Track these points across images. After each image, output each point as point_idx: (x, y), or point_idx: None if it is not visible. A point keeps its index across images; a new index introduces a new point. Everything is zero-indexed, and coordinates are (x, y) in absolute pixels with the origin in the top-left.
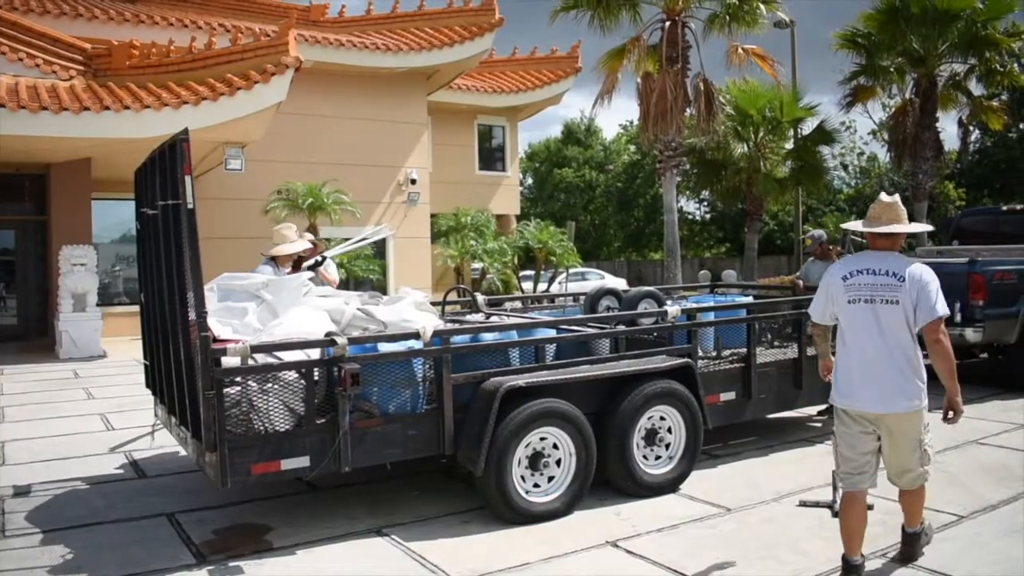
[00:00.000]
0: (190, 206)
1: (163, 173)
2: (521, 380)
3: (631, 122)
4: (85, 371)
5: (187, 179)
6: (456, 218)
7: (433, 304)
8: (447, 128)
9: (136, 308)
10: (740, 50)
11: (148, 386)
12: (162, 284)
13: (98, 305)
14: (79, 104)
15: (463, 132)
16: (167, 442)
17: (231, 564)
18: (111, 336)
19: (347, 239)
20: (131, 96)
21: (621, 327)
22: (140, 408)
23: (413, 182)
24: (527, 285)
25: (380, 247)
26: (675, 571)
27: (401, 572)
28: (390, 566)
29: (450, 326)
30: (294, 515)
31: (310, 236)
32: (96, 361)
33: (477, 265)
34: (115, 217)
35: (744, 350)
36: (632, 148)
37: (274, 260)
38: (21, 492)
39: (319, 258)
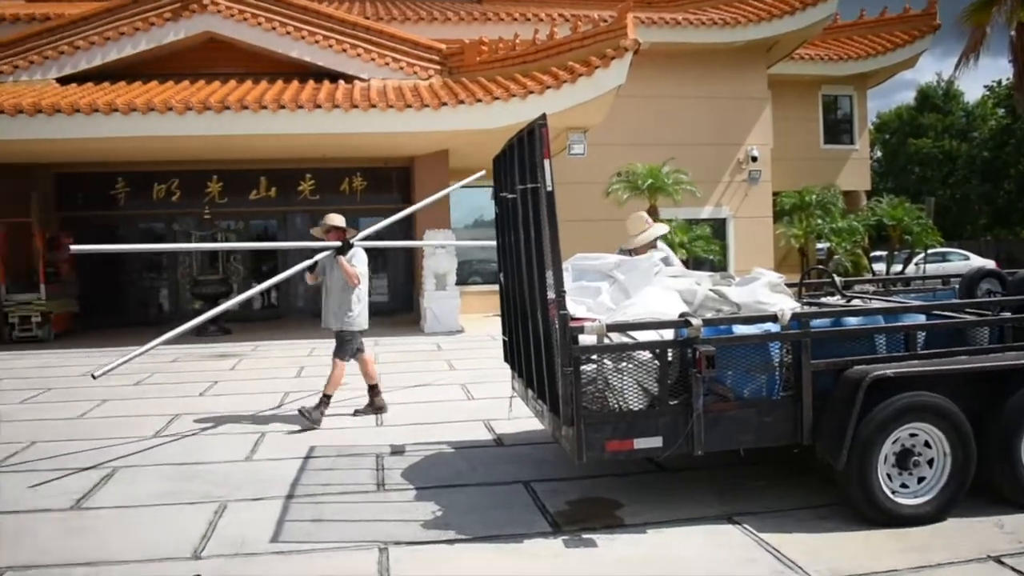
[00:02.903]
0: (549, 189)
1: (522, 158)
2: (889, 370)
3: (998, 82)
4: (446, 344)
5: (546, 163)
6: (800, 196)
7: (788, 286)
8: (789, 101)
9: (488, 287)
10: None
11: (506, 360)
12: (521, 264)
13: (456, 284)
14: (437, 100)
15: (806, 104)
16: (522, 413)
17: (584, 536)
18: (466, 313)
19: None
20: (482, 90)
21: (1007, 314)
22: (495, 380)
23: (754, 159)
24: (878, 267)
25: (719, 228)
26: None
27: (754, 562)
28: (742, 555)
29: (809, 309)
30: (642, 494)
31: (338, 218)
32: (455, 336)
33: (822, 245)
34: (469, 204)
35: None
36: (1001, 112)
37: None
38: (396, 451)
39: (339, 244)
